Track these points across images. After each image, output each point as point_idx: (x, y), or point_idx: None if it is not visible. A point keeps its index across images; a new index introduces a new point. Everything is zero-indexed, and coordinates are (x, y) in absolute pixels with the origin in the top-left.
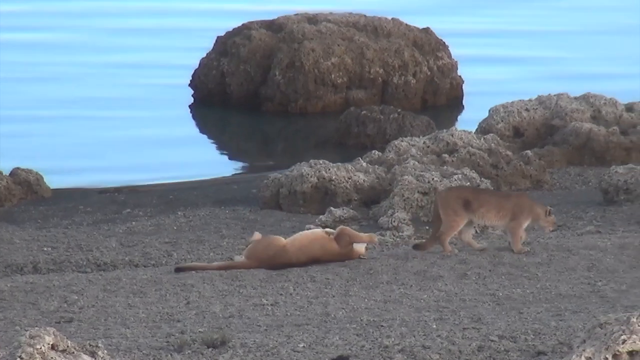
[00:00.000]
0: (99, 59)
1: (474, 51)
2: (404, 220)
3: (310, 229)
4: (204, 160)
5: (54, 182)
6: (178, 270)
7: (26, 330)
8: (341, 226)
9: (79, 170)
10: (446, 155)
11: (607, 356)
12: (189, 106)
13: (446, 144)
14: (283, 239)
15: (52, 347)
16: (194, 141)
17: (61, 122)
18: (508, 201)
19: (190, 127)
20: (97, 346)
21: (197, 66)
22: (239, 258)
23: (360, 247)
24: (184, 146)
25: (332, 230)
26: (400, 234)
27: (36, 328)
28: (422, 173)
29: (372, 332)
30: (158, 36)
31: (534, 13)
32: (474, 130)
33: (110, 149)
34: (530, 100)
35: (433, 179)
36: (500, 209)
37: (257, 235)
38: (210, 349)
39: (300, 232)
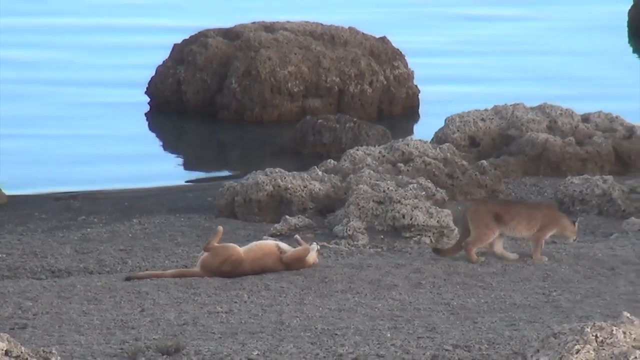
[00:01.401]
0: (50, 75)
1: (432, 66)
2: (359, 229)
3: (266, 239)
4: (160, 168)
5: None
6: (128, 279)
7: None
8: (286, 254)
9: (34, 180)
10: (402, 165)
11: None
12: (145, 114)
13: (402, 153)
14: (241, 250)
15: (6, 353)
16: (149, 149)
17: (14, 139)
18: (538, 212)
19: (146, 135)
20: (51, 352)
21: (153, 74)
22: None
23: (311, 256)
24: (140, 153)
25: (283, 245)
26: (355, 242)
27: None
28: (377, 182)
29: (326, 341)
30: (109, 52)
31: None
32: (429, 140)
33: (66, 156)
34: (486, 110)
35: (388, 188)
36: (530, 220)
37: (219, 230)
38: (164, 356)
39: (255, 243)
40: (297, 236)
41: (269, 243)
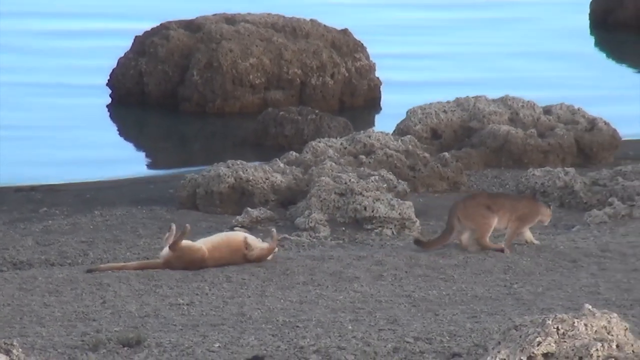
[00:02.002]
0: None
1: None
2: (321, 221)
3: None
4: (121, 160)
5: None
6: (90, 271)
7: None
8: (253, 253)
9: None
10: (363, 157)
11: (521, 358)
12: (107, 106)
13: (363, 145)
14: (204, 249)
15: None
16: (111, 140)
17: None
18: (520, 203)
19: (107, 127)
20: (12, 344)
21: (115, 66)
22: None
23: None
24: (101, 145)
25: (251, 240)
26: (317, 234)
27: None
28: (339, 174)
29: (288, 333)
30: (69, 53)
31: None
32: (391, 132)
33: (26, 153)
34: (448, 102)
35: (350, 180)
36: (513, 212)
37: (187, 229)
38: (125, 348)
39: (223, 238)
40: (274, 230)
41: (238, 238)
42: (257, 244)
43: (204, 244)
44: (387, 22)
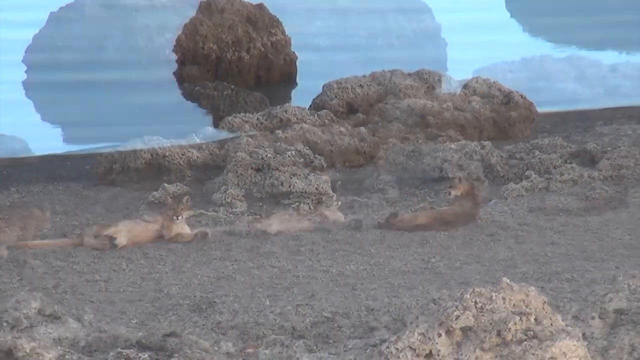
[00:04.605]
0: None
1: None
2: (237, 196)
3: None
4: (37, 136)
5: None
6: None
7: None
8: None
9: None
10: (280, 132)
11: (440, 332)
12: (22, 82)
13: (280, 120)
14: (125, 241)
15: None
16: (26, 116)
17: None
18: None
19: (24, 103)
20: None
21: (30, 42)
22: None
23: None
24: (17, 122)
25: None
26: (234, 210)
27: None
28: (255, 149)
29: (205, 309)
30: None
31: None
32: (307, 107)
33: None
34: (364, 76)
35: (266, 155)
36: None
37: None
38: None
39: (140, 229)
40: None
41: (154, 226)
42: (178, 230)
43: (126, 234)
44: None
